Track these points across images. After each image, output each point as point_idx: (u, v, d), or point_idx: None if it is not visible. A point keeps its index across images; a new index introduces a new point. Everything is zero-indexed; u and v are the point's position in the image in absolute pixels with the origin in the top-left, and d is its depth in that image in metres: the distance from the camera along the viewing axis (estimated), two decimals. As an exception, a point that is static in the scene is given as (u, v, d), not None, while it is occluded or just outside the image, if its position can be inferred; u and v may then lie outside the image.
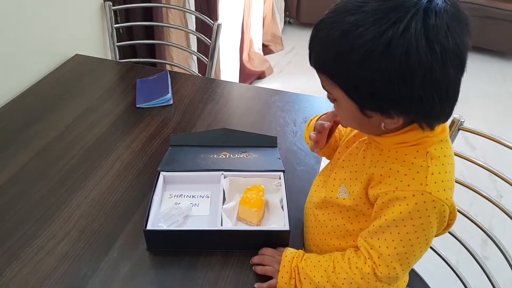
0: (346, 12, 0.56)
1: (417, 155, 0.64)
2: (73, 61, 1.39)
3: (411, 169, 0.63)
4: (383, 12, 0.53)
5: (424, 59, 0.53)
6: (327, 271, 0.72)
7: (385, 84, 0.55)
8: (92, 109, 1.18)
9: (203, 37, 1.55)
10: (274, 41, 3.13)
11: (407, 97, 0.56)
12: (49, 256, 0.79)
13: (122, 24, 1.57)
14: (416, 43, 0.52)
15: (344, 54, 0.56)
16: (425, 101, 0.56)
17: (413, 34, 0.52)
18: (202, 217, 0.86)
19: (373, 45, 0.53)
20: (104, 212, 0.89)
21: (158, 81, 1.28)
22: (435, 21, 0.52)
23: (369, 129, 0.68)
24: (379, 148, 0.69)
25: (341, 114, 0.68)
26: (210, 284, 0.76)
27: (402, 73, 0.53)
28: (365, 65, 0.55)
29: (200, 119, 1.16)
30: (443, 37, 0.53)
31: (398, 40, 0.52)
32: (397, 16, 0.52)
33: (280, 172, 0.92)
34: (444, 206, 0.63)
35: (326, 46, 0.59)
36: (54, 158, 1.01)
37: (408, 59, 0.53)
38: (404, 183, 0.63)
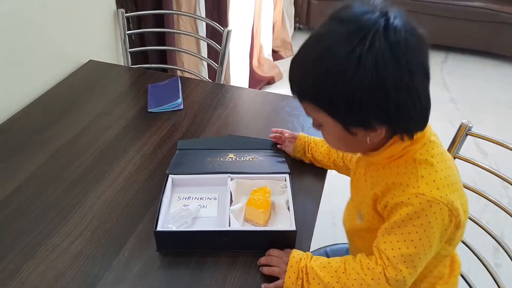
0: (317, 41, 0.63)
1: (407, 164, 0.69)
2: (87, 67, 1.43)
3: (403, 178, 0.69)
4: (349, 34, 0.59)
5: (391, 70, 0.59)
6: (338, 272, 0.74)
7: (363, 96, 0.60)
8: (105, 113, 1.22)
9: (213, 43, 1.58)
10: (284, 47, 3.16)
11: (384, 105, 0.61)
12: (63, 254, 0.82)
13: (135, 30, 1.61)
14: (382, 56, 0.58)
15: (322, 76, 0.61)
16: (401, 108, 0.62)
17: (379, 48, 0.58)
18: (210, 219, 0.89)
19: (346, 62, 0.59)
20: (116, 213, 0.91)
21: (169, 86, 1.31)
22: (395, 37, 0.59)
23: (356, 147, 0.73)
24: (376, 168, 0.74)
25: (328, 137, 0.73)
26: (217, 284, 0.78)
27: (375, 84, 0.59)
28: (341, 82, 0.60)
29: (209, 124, 1.19)
30: (405, 49, 0.59)
31: (366, 56, 0.58)
32: (361, 35, 0.58)
33: (286, 174, 0.94)
34: (440, 204, 0.65)
35: (304, 72, 0.65)
36: (69, 160, 1.04)
37: (378, 70, 0.58)
38: (400, 190, 0.68)
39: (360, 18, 0.60)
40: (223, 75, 1.55)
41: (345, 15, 0.62)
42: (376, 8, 0.61)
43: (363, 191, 0.78)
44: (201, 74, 1.96)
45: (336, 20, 0.62)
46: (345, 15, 0.62)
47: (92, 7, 1.45)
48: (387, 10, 0.60)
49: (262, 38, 2.83)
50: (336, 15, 0.63)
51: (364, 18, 0.59)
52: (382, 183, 0.71)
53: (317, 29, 0.65)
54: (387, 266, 0.70)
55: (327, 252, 1.15)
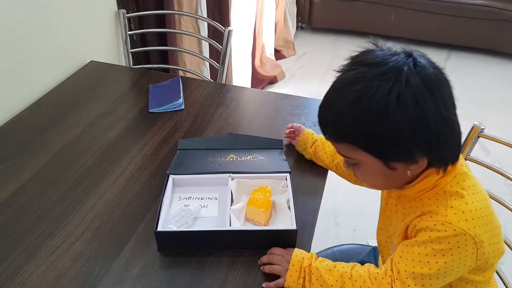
0: (350, 84, 0.65)
1: (437, 196, 0.70)
2: (88, 67, 1.43)
3: (432, 206, 0.70)
4: (383, 75, 0.63)
5: (430, 103, 0.62)
6: (343, 277, 0.74)
7: (406, 130, 0.63)
8: (106, 113, 1.22)
9: (214, 43, 1.58)
10: (286, 46, 3.15)
11: (426, 136, 0.64)
12: (64, 255, 0.82)
13: (136, 31, 1.61)
14: (420, 92, 0.62)
15: (361, 116, 0.64)
16: (440, 137, 0.64)
17: (415, 85, 0.62)
18: (210, 218, 0.89)
19: (386, 101, 0.62)
20: (117, 214, 0.91)
21: (170, 86, 1.31)
22: (426, 73, 0.63)
23: (394, 182, 0.73)
24: (407, 200, 0.75)
25: (366, 175, 0.73)
26: (218, 284, 0.78)
27: (417, 118, 0.62)
28: (384, 119, 0.62)
29: (210, 123, 1.19)
30: (436, 84, 0.64)
31: (405, 93, 0.61)
32: (396, 75, 0.62)
33: (287, 174, 0.94)
34: (466, 236, 0.66)
35: (341, 117, 0.66)
36: (70, 160, 1.05)
37: (418, 105, 0.62)
38: (428, 216, 0.70)
39: (388, 60, 0.64)
40: (224, 75, 1.55)
41: (371, 60, 0.65)
42: (397, 51, 0.66)
43: (395, 222, 0.79)
44: (203, 74, 1.96)
45: (364, 65, 0.65)
46: (372, 59, 0.65)
47: (93, 8, 1.45)
48: (410, 51, 0.65)
49: (264, 38, 2.82)
50: (361, 60, 0.67)
51: (393, 60, 0.64)
52: (413, 214, 0.72)
53: (342, 74, 0.68)
54: (395, 279, 0.71)
55: (334, 253, 1.14)
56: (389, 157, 0.67)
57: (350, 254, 1.08)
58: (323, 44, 3.33)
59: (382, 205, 0.86)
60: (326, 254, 1.13)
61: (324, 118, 0.70)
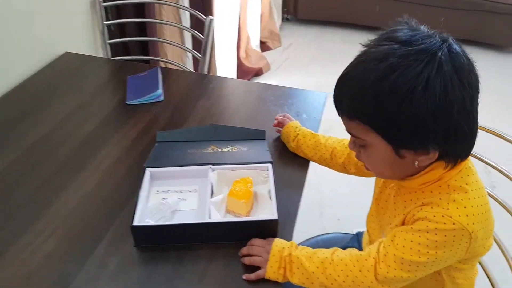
0: (376, 60, 0.60)
1: (440, 189, 0.68)
2: (63, 59, 1.38)
3: (434, 198, 0.67)
4: (415, 55, 0.59)
5: (458, 93, 0.59)
6: (324, 263, 0.72)
7: (428, 118, 0.59)
8: (82, 106, 1.17)
9: (196, 33, 1.53)
10: (271, 38, 3.12)
11: (446, 128, 0.61)
12: (35, 253, 0.78)
13: (113, 21, 1.56)
14: (451, 80, 0.58)
15: (384, 96, 0.59)
16: (459, 131, 0.62)
17: (446, 72, 0.58)
18: (190, 211, 0.86)
19: (414, 84, 0.57)
20: (93, 209, 0.88)
21: (148, 77, 1.27)
22: (459, 61, 0.60)
23: (399, 171, 0.70)
24: (407, 192, 0.73)
25: (372, 160, 0.70)
26: (198, 277, 0.75)
27: (442, 107, 0.59)
28: (407, 103, 0.58)
29: (191, 115, 1.15)
30: (468, 74, 0.61)
31: (434, 78, 0.58)
32: (428, 58, 0.58)
33: (268, 164, 0.91)
34: (465, 231, 0.64)
35: (361, 92, 0.62)
36: (43, 155, 1.00)
37: (446, 94, 0.58)
38: (429, 207, 0.67)
39: (422, 42, 0.60)
40: (206, 66, 1.51)
41: (404, 37, 0.61)
42: (432, 33, 0.62)
43: (391, 213, 0.76)
44: (186, 66, 1.92)
45: (395, 41, 0.61)
46: (405, 37, 0.61)
47: (68, -3, 1.40)
48: (446, 36, 0.62)
49: (249, 29, 2.78)
50: (393, 36, 0.62)
51: (427, 42, 0.60)
52: (413, 205, 0.70)
53: (370, 48, 0.64)
54: (381, 261, 0.69)
55: (318, 242, 1.13)
56: (401, 143, 0.64)
57: (333, 243, 1.06)
58: (308, 35, 3.31)
59: (376, 193, 0.84)
60: (309, 244, 1.11)
61: (342, 91, 0.65)
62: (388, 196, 0.79)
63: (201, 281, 0.74)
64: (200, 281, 0.74)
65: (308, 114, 1.16)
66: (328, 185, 1.94)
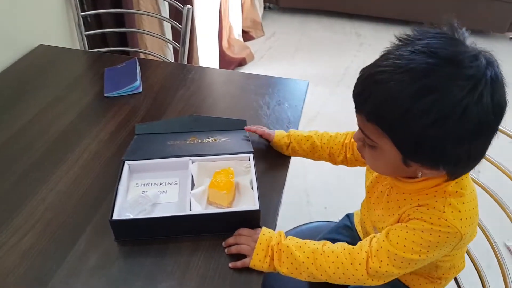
0: (414, 73, 0.56)
1: (436, 194, 0.68)
2: (37, 51, 1.34)
3: (431, 200, 0.68)
4: (459, 81, 0.55)
5: (491, 125, 0.58)
6: (315, 253, 0.72)
7: (451, 145, 0.58)
8: (57, 100, 1.14)
9: (175, 23, 1.50)
10: (254, 27, 3.09)
11: (461, 155, 0.60)
12: (11, 251, 0.76)
13: (89, 12, 1.52)
14: (486, 114, 0.56)
15: (414, 115, 0.56)
16: (472, 157, 0.61)
17: (485, 104, 0.55)
18: (170, 204, 0.84)
19: (450, 112, 0.55)
20: (71, 204, 0.86)
21: (126, 69, 1.24)
22: (500, 94, 0.57)
23: (399, 174, 0.70)
24: (401, 192, 0.73)
25: (376, 161, 0.69)
26: (180, 271, 0.74)
27: (471, 136, 0.57)
28: (436, 127, 0.56)
29: (170, 106, 1.13)
30: (502, 110, 0.58)
31: (472, 108, 0.55)
32: (472, 85, 0.55)
33: (250, 154, 0.90)
34: (457, 234, 0.66)
35: (391, 103, 0.58)
36: (17, 152, 0.98)
37: (479, 126, 0.56)
38: (425, 208, 0.68)
39: (469, 64, 0.55)
40: (185, 56, 1.48)
41: (448, 54, 0.56)
42: (478, 54, 0.57)
43: (384, 212, 0.76)
44: (166, 57, 1.89)
45: (438, 57, 0.56)
46: (447, 54, 0.56)
47: (40, -12, 1.35)
48: (491, 58, 0.58)
49: (231, 19, 2.75)
50: (433, 47, 0.57)
51: (475, 66, 0.56)
52: (408, 205, 0.70)
53: (407, 48, 0.58)
54: (373, 256, 0.69)
55: (303, 230, 1.13)
56: (413, 157, 0.63)
57: (319, 231, 1.06)
58: (291, 24, 3.29)
59: (367, 186, 0.84)
60: (295, 232, 1.11)
61: (368, 92, 0.61)
62: (380, 194, 0.79)
63: (183, 275, 0.73)
64: (183, 274, 0.73)
65: (290, 103, 1.15)
66: (314, 173, 1.94)
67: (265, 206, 0.81)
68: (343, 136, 0.94)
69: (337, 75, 2.67)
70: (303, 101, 1.17)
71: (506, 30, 3.02)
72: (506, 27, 3.00)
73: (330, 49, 2.98)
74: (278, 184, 0.91)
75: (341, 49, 2.97)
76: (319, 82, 2.57)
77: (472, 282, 0.98)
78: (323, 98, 2.44)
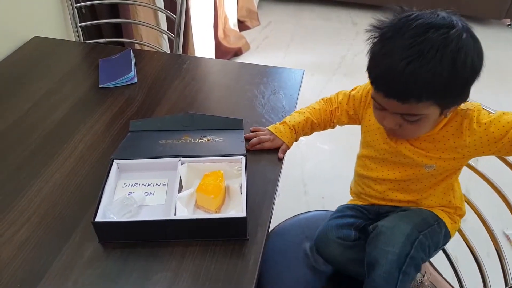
0: (440, 44, 0.68)
1: (457, 119, 0.81)
2: (32, 43, 1.33)
3: (460, 124, 0.81)
4: (463, 34, 0.70)
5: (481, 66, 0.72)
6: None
7: (472, 82, 0.72)
8: (52, 92, 1.14)
9: (170, 14, 1.49)
10: (249, 17, 3.07)
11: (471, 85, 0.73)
12: (7, 244, 0.76)
13: (84, 3, 1.50)
14: (482, 54, 0.72)
15: (456, 74, 0.69)
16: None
17: (478, 47, 0.72)
18: (157, 206, 0.82)
19: (473, 55, 0.70)
20: (67, 196, 0.86)
21: (121, 59, 1.24)
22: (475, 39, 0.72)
23: (434, 126, 0.80)
24: (423, 140, 0.85)
25: (419, 129, 0.78)
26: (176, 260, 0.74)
27: (479, 73, 0.71)
28: (468, 71, 0.70)
29: (165, 96, 1.13)
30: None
31: (479, 49, 0.72)
32: (470, 35, 0.71)
33: (242, 156, 0.86)
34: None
35: (438, 78, 0.68)
36: (12, 144, 0.97)
37: (482, 64, 0.72)
38: (463, 119, 0.82)
39: (456, 21, 0.70)
40: (180, 46, 1.47)
41: (443, 22, 0.70)
42: (442, 13, 0.72)
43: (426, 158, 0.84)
44: (162, 48, 1.88)
45: (442, 27, 0.69)
46: (443, 22, 0.70)
47: (33, -21, 1.34)
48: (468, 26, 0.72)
49: (226, 8, 2.73)
50: (435, 24, 0.69)
51: (460, 22, 0.71)
52: (446, 140, 0.81)
53: (420, 37, 0.68)
54: None
55: (300, 220, 1.13)
56: (451, 106, 0.75)
57: (315, 221, 1.07)
58: (287, 13, 3.27)
59: (381, 154, 0.90)
60: (292, 222, 1.12)
61: (417, 82, 0.68)
62: (398, 151, 0.86)
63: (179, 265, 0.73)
64: (178, 265, 0.73)
65: (285, 92, 1.15)
66: (311, 163, 1.94)
67: (256, 211, 0.79)
68: (326, 105, 1.01)
69: (333, 64, 2.66)
70: (299, 90, 1.16)
71: (503, 16, 3.01)
72: (503, 14, 2.98)
73: (326, 38, 2.96)
74: (273, 174, 0.90)
75: (337, 37, 2.96)
76: (315, 71, 2.56)
77: (471, 270, 0.99)
78: (320, 87, 2.44)
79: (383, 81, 0.72)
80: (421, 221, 0.85)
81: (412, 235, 0.80)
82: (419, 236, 0.81)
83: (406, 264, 0.78)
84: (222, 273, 0.72)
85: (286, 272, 0.98)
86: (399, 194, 0.92)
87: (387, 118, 0.77)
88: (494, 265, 0.92)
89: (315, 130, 1.01)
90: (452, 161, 0.83)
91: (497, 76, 2.56)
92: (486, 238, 0.96)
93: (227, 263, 0.73)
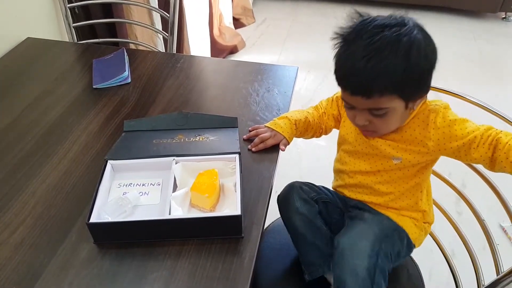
0: (395, 41, 0.73)
1: (423, 112, 0.85)
2: (24, 45, 1.33)
3: (427, 117, 0.84)
4: (414, 29, 0.76)
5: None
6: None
7: (431, 72, 0.78)
8: (46, 93, 1.14)
9: (164, 13, 1.49)
10: (245, 14, 3.06)
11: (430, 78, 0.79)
12: (3, 246, 0.76)
13: (77, 3, 1.50)
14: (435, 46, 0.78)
15: (413, 65, 0.74)
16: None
17: (429, 39, 0.78)
18: (152, 206, 0.82)
19: (429, 46, 0.77)
20: (62, 197, 0.86)
21: (114, 59, 1.23)
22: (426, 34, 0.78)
23: (402, 121, 0.84)
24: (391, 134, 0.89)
25: (388, 122, 0.81)
26: (172, 259, 0.74)
27: (435, 64, 0.78)
28: (426, 62, 0.76)
29: (159, 96, 1.13)
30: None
31: (432, 41, 0.78)
32: (420, 28, 0.77)
33: (236, 154, 0.87)
34: None
35: (396, 71, 0.73)
36: (6, 146, 0.97)
37: (435, 51, 0.78)
38: (431, 118, 0.86)
39: (406, 19, 0.77)
40: (174, 45, 1.47)
41: (395, 21, 0.76)
42: (391, 14, 0.78)
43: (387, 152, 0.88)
44: (157, 47, 1.87)
45: (394, 26, 0.75)
46: (395, 21, 0.76)
47: (25, -20, 1.34)
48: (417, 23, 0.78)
49: (221, 6, 2.72)
50: (388, 23, 0.75)
51: (409, 19, 0.77)
52: (420, 132, 0.84)
53: (373, 38, 0.74)
54: None
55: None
56: (414, 97, 0.78)
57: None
58: (282, 10, 3.26)
59: (354, 146, 0.93)
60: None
61: (378, 77, 0.73)
62: (370, 144, 0.89)
63: (175, 263, 0.73)
64: (174, 263, 0.73)
65: (279, 89, 1.15)
66: (307, 160, 1.95)
67: (250, 209, 0.80)
68: (316, 111, 1.04)
69: (330, 61, 2.65)
70: (293, 88, 1.16)
71: (498, 9, 3.01)
72: (498, 7, 2.98)
73: (322, 35, 2.95)
74: (268, 171, 0.90)
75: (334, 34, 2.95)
76: (311, 67, 2.56)
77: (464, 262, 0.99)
78: (316, 84, 2.44)
79: (348, 80, 0.78)
80: (380, 231, 0.87)
81: (375, 245, 0.83)
82: (382, 245, 0.85)
83: (376, 274, 0.81)
84: (217, 271, 0.72)
85: (281, 269, 0.99)
86: (369, 192, 0.94)
87: (357, 116, 0.81)
88: (490, 258, 0.93)
89: (308, 133, 1.01)
90: (417, 154, 0.85)
91: (492, 69, 2.56)
92: (479, 231, 0.97)
93: (223, 261, 0.74)
